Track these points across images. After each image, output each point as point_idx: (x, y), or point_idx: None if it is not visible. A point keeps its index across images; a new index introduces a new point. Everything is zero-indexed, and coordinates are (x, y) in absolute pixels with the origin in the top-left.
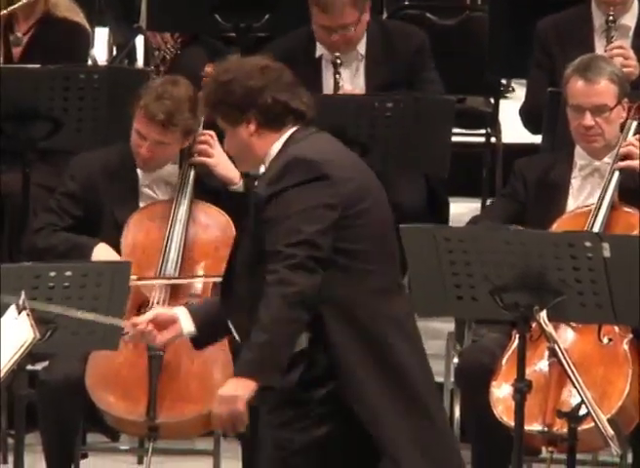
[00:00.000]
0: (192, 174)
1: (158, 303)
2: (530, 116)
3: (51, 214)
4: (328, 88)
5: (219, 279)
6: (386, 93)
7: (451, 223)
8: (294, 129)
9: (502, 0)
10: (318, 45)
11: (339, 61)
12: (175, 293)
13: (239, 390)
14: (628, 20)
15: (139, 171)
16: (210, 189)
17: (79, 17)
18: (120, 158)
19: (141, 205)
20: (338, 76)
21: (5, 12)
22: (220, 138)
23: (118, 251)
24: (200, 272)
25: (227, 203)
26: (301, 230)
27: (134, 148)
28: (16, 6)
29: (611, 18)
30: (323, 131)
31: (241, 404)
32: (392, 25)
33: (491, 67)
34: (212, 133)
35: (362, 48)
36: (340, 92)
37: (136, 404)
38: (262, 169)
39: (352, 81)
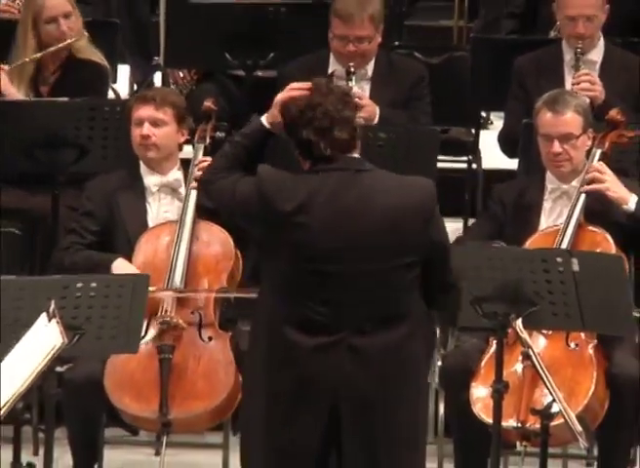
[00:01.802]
0: (194, 197)
1: (166, 312)
2: (507, 141)
3: (74, 234)
4: None
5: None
6: (379, 125)
7: None
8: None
9: (483, 41)
10: (331, 62)
11: (352, 70)
12: (181, 304)
13: None
14: (595, 56)
15: (145, 180)
16: (210, 210)
17: (98, 57)
18: (127, 174)
19: (149, 219)
20: (350, 82)
21: (38, 55)
22: None
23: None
24: (204, 285)
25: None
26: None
27: (136, 144)
28: (50, 50)
29: (579, 50)
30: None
31: None
32: (398, 57)
33: (472, 101)
34: (209, 159)
35: (370, 70)
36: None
37: (149, 403)
38: None
39: None
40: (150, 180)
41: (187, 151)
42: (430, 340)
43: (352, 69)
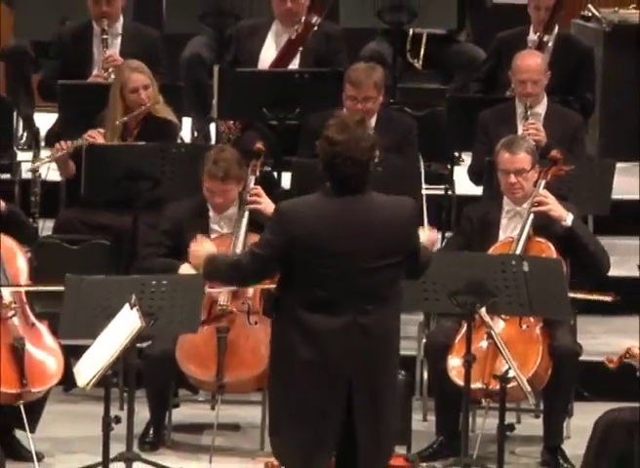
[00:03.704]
0: (246, 216)
1: (224, 302)
2: (474, 174)
3: (153, 246)
4: None
5: (266, 286)
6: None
7: None
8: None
9: (456, 99)
10: None
11: None
12: (235, 296)
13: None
14: (540, 109)
15: (210, 213)
16: (260, 225)
17: (171, 115)
18: (197, 206)
19: (212, 237)
20: None
21: (125, 119)
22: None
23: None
24: None
25: None
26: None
27: (207, 198)
28: (134, 114)
29: (528, 104)
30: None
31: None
32: (394, 113)
33: (448, 144)
34: (259, 187)
35: (373, 122)
36: None
37: (209, 370)
38: None
39: None
40: (214, 216)
41: None
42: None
43: None
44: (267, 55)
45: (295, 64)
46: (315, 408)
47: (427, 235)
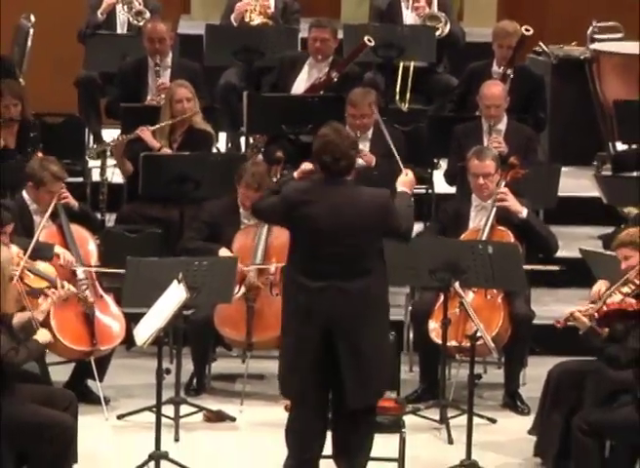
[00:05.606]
0: None
1: (251, 277)
2: (449, 177)
3: (194, 231)
4: None
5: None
6: (374, 168)
7: None
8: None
9: (435, 117)
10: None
11: (358, 135)
12: (260, 273)
13: None
14: (501, 126)
15: (240, 209)
16: None
17: (208, 127)
18: (230, 204)
19: (242, 227)
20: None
21: (170, 122)
22: None
23: (231, 251)
24: (274, 262)
25: None
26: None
27: (240, 199)
28: (177, 119)
29: (492, 123)
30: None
31: None
32: (387, 128)
33: (428, 152)
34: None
35: (370, 134)
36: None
37: (240, 331)
38: None
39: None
40: (243, 212)
41: None
42: (386, 288)
43: (358, 134)
44: (300, 83)
45: None
46: (303, 350)
47: (404, 180)
